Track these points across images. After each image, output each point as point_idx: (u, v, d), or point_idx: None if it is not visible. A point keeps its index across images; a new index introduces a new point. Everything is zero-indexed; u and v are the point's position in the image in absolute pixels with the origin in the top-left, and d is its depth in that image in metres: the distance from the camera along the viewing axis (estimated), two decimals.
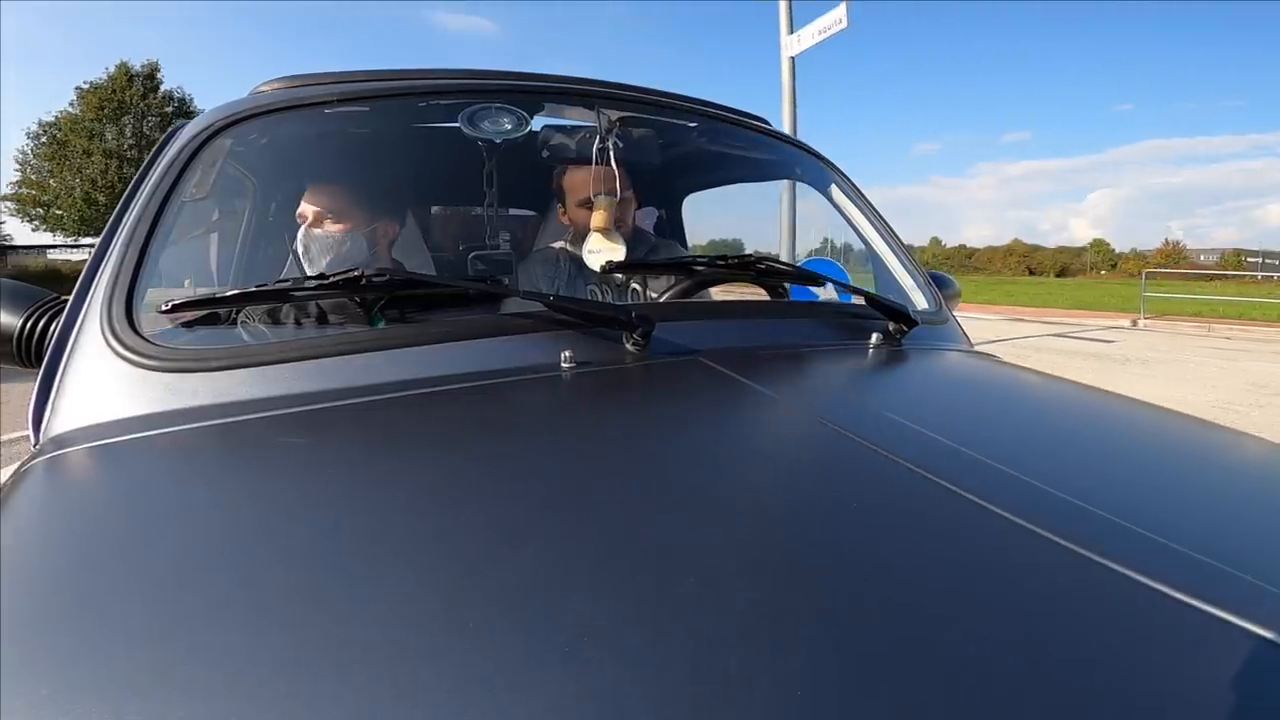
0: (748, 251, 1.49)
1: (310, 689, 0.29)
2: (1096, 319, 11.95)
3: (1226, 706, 0.31)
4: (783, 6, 7.08)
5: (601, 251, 1.03)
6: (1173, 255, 58.72)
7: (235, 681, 0.30)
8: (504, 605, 0.35)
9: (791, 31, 6.94)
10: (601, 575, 0.38)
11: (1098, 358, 7.06)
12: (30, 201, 27.75)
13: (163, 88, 28.71)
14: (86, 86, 27.83)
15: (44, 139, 27.82)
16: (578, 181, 1.16)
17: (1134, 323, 11.16)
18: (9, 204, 27.98)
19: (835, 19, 6.36)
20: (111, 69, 28.12)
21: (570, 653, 0.32)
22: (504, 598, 0.35)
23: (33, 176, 27.92)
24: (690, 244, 1.79)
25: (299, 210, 1.01)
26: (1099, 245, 70.86)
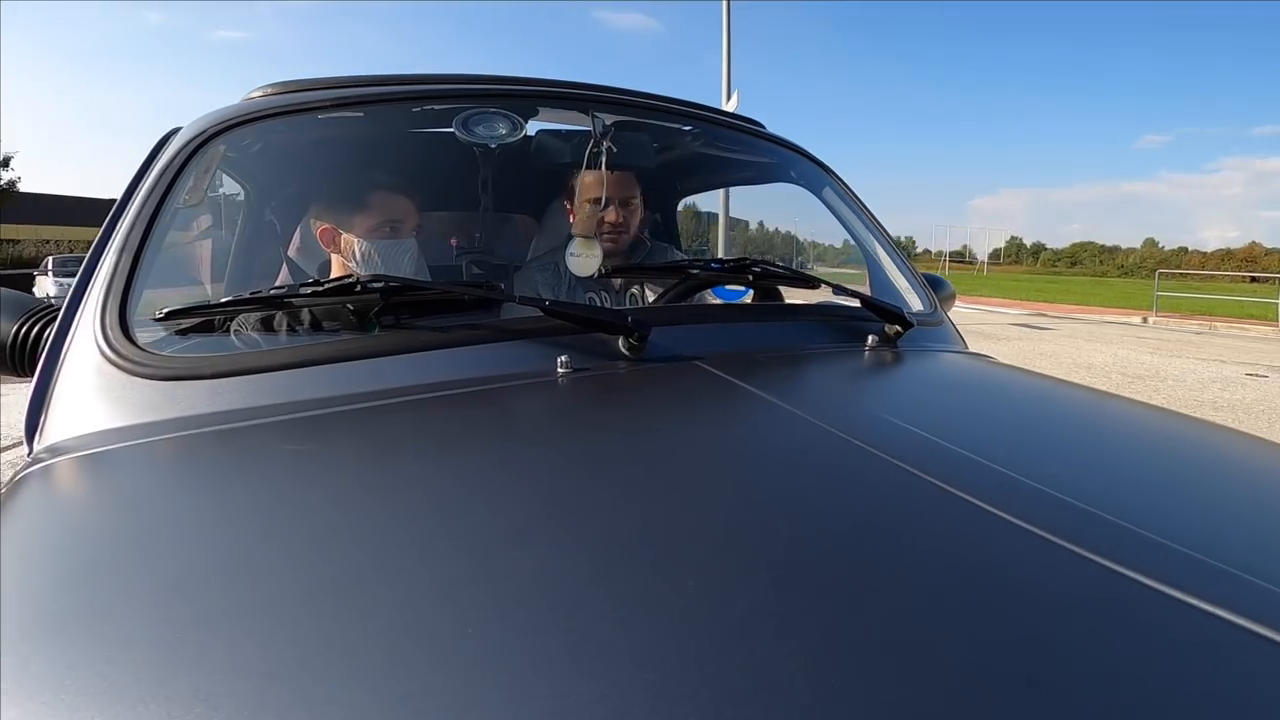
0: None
1: (309, 694, 0.29)
2: (1111, 315, 12.19)
3: (1202, 695, 0.31)
4: (724, 76, 9.20)
5: (581, 255, 1.04)
6: None
7: (232, 688, 0.30)
8: (503, 609, 0.35)
9: (729, 99, 8.78)
10: (601, 578, 0.38)
11: (1023, 339, 8.55)
12: None
13: None
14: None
15: None
16: (580, 186, 1.16)
17: (1144, 319, 11.30)
18: None
19: (734, 101, 8.36)
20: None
21: (570, 656, 0.32)
22: (502, 602, 0.36)
23: None
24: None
25: (349, 217, 1.00)
26: None
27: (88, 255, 0.77)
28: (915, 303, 1.17)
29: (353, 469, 0.54)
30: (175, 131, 0.95)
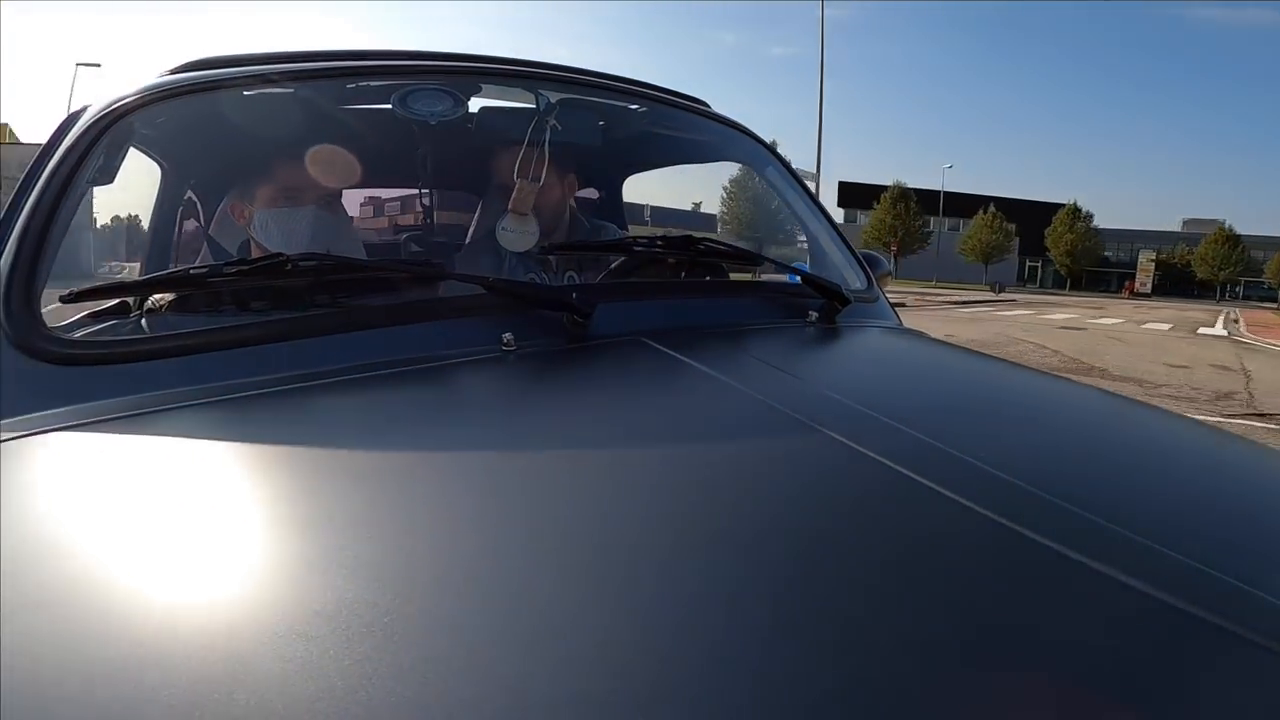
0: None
1: (253, 689, 0.28)
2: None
3: (1119, 661, 0.32)
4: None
5: (513, 231, 1.03)
6: None
7: (149, 682, 0.29)
8: (446, 593, 0.35)
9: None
10: (548, 557, 0.38)
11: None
12: None
13: None
14: None
15: None
16: (506, 163, 1.15)
17: None
18: None
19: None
20: None
21: (516, 638, 0.31)
22: (445, 583, 0.35)
23: None
24: None
25: (253, 190, 0.96)
26: None
27: None
28: (853, 280, 1.21)
29: (283, 450, 0.53)
30: (85, 109, 0.89)
